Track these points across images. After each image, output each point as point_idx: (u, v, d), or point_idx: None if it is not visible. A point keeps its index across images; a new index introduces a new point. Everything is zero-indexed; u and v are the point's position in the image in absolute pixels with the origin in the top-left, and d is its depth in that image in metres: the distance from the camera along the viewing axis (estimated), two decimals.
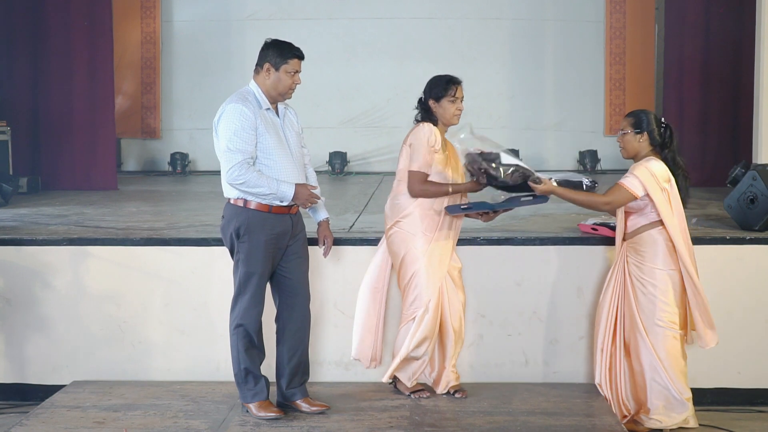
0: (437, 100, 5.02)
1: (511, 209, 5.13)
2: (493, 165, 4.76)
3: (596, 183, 5.01)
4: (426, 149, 4.96)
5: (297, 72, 4.73)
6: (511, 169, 4.77)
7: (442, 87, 5.02)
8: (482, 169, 4.79)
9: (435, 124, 5.05)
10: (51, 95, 9.26)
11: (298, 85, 4.78)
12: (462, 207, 4.99)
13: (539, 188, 4.89)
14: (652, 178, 4.89)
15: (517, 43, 11.67)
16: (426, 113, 5.07)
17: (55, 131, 9.27)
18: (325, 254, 5.06)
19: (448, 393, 5.17)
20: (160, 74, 11.78)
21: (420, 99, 5.09)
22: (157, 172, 11.61)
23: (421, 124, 5.04)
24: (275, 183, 4.63)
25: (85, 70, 9.30)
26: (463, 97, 5.08)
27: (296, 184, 4.68)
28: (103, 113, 9.37)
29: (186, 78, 11.76)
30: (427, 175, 4.98)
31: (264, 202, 4.68)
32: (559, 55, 11.69)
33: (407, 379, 5.15)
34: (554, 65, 11.71)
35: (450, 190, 5.00)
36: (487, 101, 11.67)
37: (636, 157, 5.03)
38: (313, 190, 4.81)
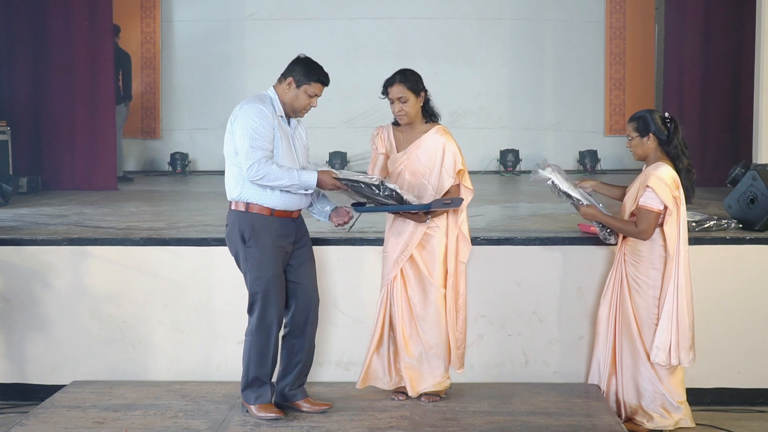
0: (386, 98, 5.02)
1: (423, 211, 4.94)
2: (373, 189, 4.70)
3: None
4: (375, 154, 5.11)
5: (316, 96, 4.75)
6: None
7: (383, 88, 5.00)
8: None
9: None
10: (51, 95, 9.26)
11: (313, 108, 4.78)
12: (363, 208, 4.88)
13: (584, 210, 5.04)
14: (665, 187, 4.87)
15: (517, 43, 11.66)
16: None
17: (56, 131, 9.28)
18: (345, 220, 4.88)
19: (419, 398, 5.11)
20: (160, 74, 11.78)
21: None
22: (157, 172, 11.61)
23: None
24: (295, 173, 4.61)
25: (85, 71, 9.30)
26: (401, 97, 4.91)
27: (319, 171, 4.66)
28: (103, 113, 9.37)
29: (186, 78, 11.75)
30: None
31: (266, 204, 4.65)
32: (559, 55, 11.69)
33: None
34: (554, 65, 11.71)
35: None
36: (487, 101, 11.67)
37: (647, 159, 5.03)
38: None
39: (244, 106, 4.67)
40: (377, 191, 4.64)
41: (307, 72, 4.72)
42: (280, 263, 4.74)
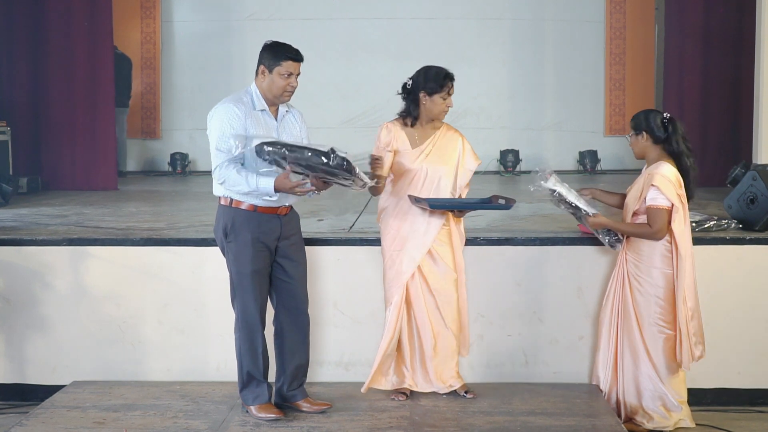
0: (430, 94, 4.96)
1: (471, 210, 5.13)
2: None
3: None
4: (380, 150, 4.99)
5: (292, 74, 4.66)
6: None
7: (439, 81, 4.96)
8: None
9: (416, 117, 5.01)
10: (51, 95, 9.26)
11: (295, 88, 4.70)
12: (420, 200, 4.89)
13: (592, 220, 5.00)
14: (669, 185, 4.88)
15: (517, 43, 11.66)
16: (413, 105, 5.00)
17: (56, 131, 9.27)
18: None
19: (454, 393, 5.14)
20: (160, 74, 11.78)
21: (406, 87, 5.01)
22: (157, 172, 11.61)
23: (380, 126, 5.06)
24: (254, 178, 4.54)
25: (85, 70, 9.30)
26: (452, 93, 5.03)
27: (277, 177, 4.53)
28: (103, 113, 9.37)
29: (186, 78, 11.75)
30: None
31: (250, 201, 4.65)
32: (559, 55, 11.68)
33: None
34: (554, 65, 11.71)
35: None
36: (487, 101, 11.67)
37: (648, 158, 5.05)
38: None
39: (217, 107, 4.71)
40: (325, 159, 4.39)
41: (274, 54, 4.68)
42: (262, 259, 4.72)
